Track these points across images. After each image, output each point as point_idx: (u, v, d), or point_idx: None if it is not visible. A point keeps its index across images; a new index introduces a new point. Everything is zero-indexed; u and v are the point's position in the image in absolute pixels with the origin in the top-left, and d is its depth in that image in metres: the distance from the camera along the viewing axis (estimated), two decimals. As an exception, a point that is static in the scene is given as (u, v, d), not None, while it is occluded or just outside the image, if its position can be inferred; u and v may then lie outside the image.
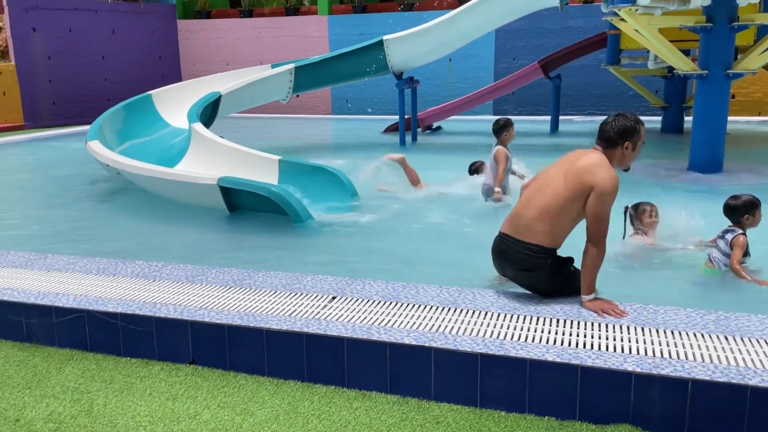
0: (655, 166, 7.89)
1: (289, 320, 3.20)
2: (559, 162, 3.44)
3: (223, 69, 15.87)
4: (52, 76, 14.82)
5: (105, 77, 15.66)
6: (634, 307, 3.24)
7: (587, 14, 13.49)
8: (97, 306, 3.45)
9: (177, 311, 3.35)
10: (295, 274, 3.90)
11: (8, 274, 4.04)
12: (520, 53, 14.20)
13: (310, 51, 15.23)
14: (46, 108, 14.80)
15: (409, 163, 7.04)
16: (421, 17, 13.24)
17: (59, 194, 7.42)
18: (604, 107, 13.82)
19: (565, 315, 3.18)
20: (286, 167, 6.58)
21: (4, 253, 4.51)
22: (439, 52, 10.38)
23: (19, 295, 3.65)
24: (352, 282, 3.73)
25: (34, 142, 12.26)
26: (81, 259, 4.33)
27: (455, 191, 6.59)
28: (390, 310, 3.30)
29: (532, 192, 3.43)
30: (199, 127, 7.62)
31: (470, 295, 3.48)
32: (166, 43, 16.62)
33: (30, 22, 14.35)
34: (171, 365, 3.26)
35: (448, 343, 2.90)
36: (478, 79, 14.39)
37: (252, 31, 16.12)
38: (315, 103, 15.92)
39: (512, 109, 14.38)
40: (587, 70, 13.58)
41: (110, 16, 15.57)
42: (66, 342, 3.49)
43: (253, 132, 12.85)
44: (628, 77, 11.27)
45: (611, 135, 3.29)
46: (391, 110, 14.14)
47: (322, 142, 12.20)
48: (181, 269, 4.06)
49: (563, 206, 3.25)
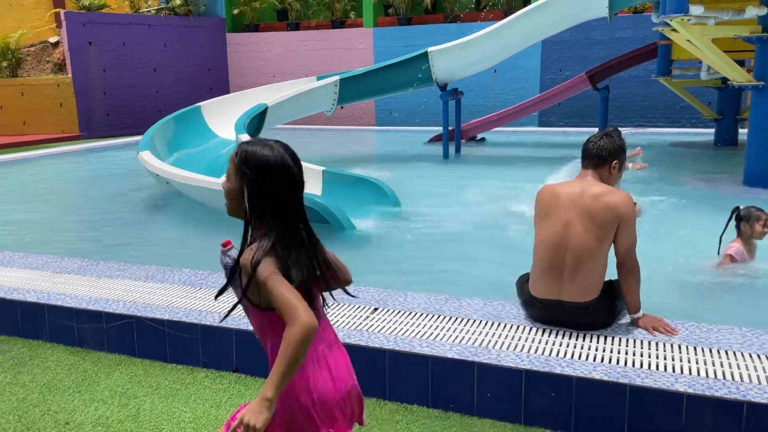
0: (709, 180, 7.64)
1: (332, 331, 3.20)
2: (555, 207, 3.12)
3: (269, 81, 16.15)
4: (106, 88, 15.33)
5: (156, 89, 16.11)
6: (685, 325, 3.14)
7: (637, 24, 13.23)
8: (145, 312, 3.53)
9: (222, 319, 3.39)
10: (337, 284, 3.90)
11: (62, 280, 4.17)
12: (566, 64, 14.02)
13: (355, 63, 15.37)
14: (100, 119, 15.31)
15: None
16: (467, 29, 13.22)
17: (111, 203, 7.64)
18: (654, 119, 13.51)
19: (613, 332, 3.10)
20: (329, 178, 6.64)
21: (59, 259, 4.66)
22: (483, 64, 10.33)
23: (71, 300, 3.76)
24: (394, 293, 3.72)
25: (89, 152, 12.69)
26: (131, 266, 4.44)
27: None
28: (432, 323, 3.27)
29: (551, 252, 3.10)
30: (246, 138, 7.75)
31: (514, 309, 3.42)
32: (215, 56, 17.02)
33: (86, 36, 14.89)
34: (215, 372, 3.30)
35: (492, 359, 2.85)
36: (523, 90, 14.26)
37: (298, 44, 16.36)
38: (359, 114, 16.03)
39: (558, 120, 14.19)
40: (636, 80, 13.31)
41: (162, 30, 16.04)
42: (115, 347, 3.57)
43: (298, 143, 12.92)
44: (680, 88, 10.99)
45: (602, 153, 3.14)
46: (435, 121, 14.12)
47: (365, 153, 12.27)
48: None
49: (599, 249, 3.04)
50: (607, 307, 3.14)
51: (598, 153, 3.18)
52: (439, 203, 6.85)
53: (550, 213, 3.16)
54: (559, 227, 3.10)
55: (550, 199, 3.19)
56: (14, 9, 17.07)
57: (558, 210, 3.13)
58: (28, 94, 15.00)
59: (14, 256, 4.77)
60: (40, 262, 4.59)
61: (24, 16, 17.12)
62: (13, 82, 15.10)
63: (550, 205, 3.18)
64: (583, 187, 3.13)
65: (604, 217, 3.02)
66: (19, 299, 3.81)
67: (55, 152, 12.36)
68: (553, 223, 3.13)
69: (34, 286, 4.03)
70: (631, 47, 12.41)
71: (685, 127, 13.09)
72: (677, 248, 5.03)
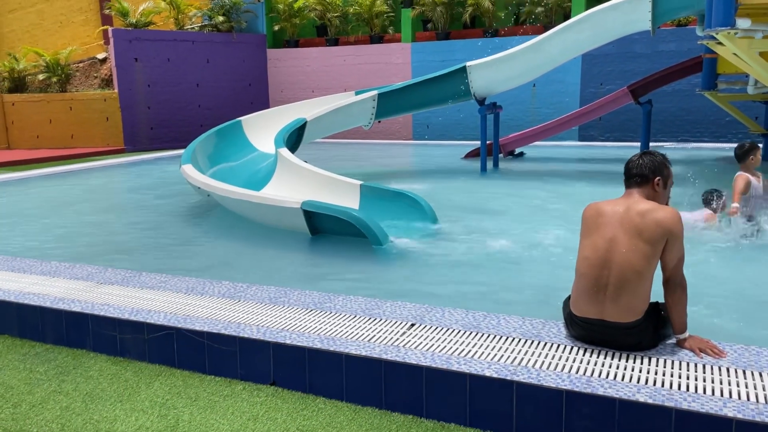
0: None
1: (368, 346, 3.19)
2: (599, 224, 3.07)
3: (308, 96, 16.38)
4: (151, 103, 15.75)
5: (199, 104, 16.48)
6: (734, 348, 3.03)
7: (680, 37, 13.00)
8: (185, 324, 3.58)
9: (260, 332, 3.42)
10: (374, 299, 3.91)
11: (106, 290, 4.26)
12: (607, 78, 13.84)
13: (393, 77, 15.46)
14: (144, 132, 15.73)
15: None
16: (506, 43, 13.18)
17: (154, 215, 7.81)
18: (698, 133, 13.21)
19: (658, 353, 3.01)
20: (367, 192, 6.66)
21: (103, 270, 4.78)
22: (522, 78, 10.26)
23: (114, 311, 3.84)
24: (432, 309, 3.69)
25: (133, 165, 13.02)
26: (172, 278, 4.52)
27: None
28: (470, 340, 3.23)
29: (594, 270, 3.02)
30: (285, 152, 7.85)
31: (555, 327, 3.36)
32: (255, 71, 17.34)
33: (133, 52, 15.35)
34: (253, 385, 3.32)
35: (532, 378, 2.80)
36: (563, 104, 14.11)
37: (337, 59, 16.54)
38: (396, 128, 16.09)
39: (599, 135, 13.99)
40: (680, 95, 13.05)
41: (206, 46, 16.43)
42: (156, 358, 3.63)
43: (336, 156, 13.12)
44: (726, 103, 10.73)
45: (644, 171, 3.10)
46: (473, 136, 14.08)
47: (403, 167, 12.29)
48: (264, 291, 4.15)
49: (645, 268, 2.95)
50: (651, 328, 3.05)
51: (639, 171, 3.13)
52: (477, 218, 6.80)
53: (594, 229, 3.11)
54: (603, 244, 3.04)
55: (594, 215, 3.14)
56: (64, 26, 17.72)
57: (603, 227, 3.07)
58: (76, 108, 15.50)
59: (60, 266, 4.90)
60: (85, 272, 4.71)
61: (74, 33, 17.77)
62: (63, 96, 15.63)
63: (594, 221, 3.12)
64: (629, 205, 3.07)
65: (652, 233, 2.95)
66: (64, 309, 3.91)
67: (101, 165, 12.73)
68: (597, 240, 3.06)
69: (79, 296, 4.13)
70: (675, 61, 12.19)
71: (732, 142, 12.73)
72: (724, 267, 4.89)
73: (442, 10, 15.34)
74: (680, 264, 3.01)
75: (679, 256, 3.00)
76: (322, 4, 16.59)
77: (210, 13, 16.78)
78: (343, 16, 16.83)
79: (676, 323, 3.05)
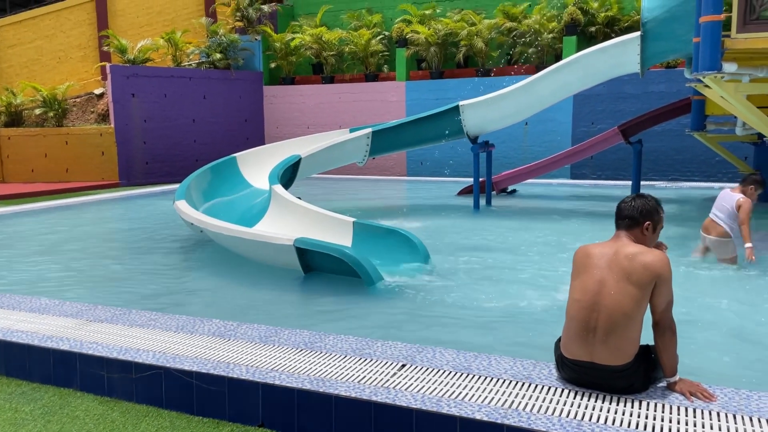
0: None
1: (359, 387, 3.17)
2: (589, 266, 3.10)
3: (304, 132, 16.51)
4: (147, 138, 15.84)
5: (194, 139, 16.58)
6: (724, 392, 3.03)
7: (669, 79, 13.25)
8: (174, 363, 3.55)
9: (249, 372, 3.39)
10: (365, 339, 3.89)
11: (95, 328, 4.23)
12: (599, 117, 14.04)
13: (387, 115, 15.64)
14: (139, 167, 15.78)
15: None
16: (498, 83, 13.40)
17: (146, 251, 7.79)
18: (689, 173, 13.35)
19: (648, 396, 3.00)
20: (360, 229, 6.68)
21: (93, 307, 4.75)
22: (514, 118, 10.41)
23: (102, 349, 3.80)
24: (423, 349, 3.68)
25: (127, 199, 13.03)
26: (162, 315, 4.49)
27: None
28: (461, 382, 3.21)
29: (584, 312, 3.03)
30: (279, 189, 7.89)
31: (546, 369, 3.35)
32: (251, 108, 17.51)
33: (130, 88, 15.51)
34: (241, 427, 3.28)
35: (522, 421, 2.78)
36: (555, 143, 14.28)
37: (333, 96, 16.75)
38: (390, 164, 16.21)
39: (591, 173, 14.12)
40: (670, 134, 13.23)
41: (203, 82, 16.61)
42: (143, 398, 3.58)
43: (330, 192, 13.18)
44: (715, 143, 10.88)
45: (635, 214, 3.14)
46: (466, 173, 14.20)
47: (396, 204, 12.34)
48: (255, 329, 4.13)
49: (635, 311, 2.96)
50: (642, 371, 3.04)
51: (630, 214, 3.17)
52: (469, 256, 6.82)
53: (583, 272, 3.13)
54: (592, 286, 3.06)
55: (584, 258, 3.17)
56: (63, 62, 17.90)
57: (592, 269, 3.10)
58: (72, 142, 15.57)
59: (50, 303, 4.87)
60: (74, 309, 4.67)
61: (72, 68, 17.94)
62: (59, 131, 15.71)
63: (584, 264, 3.15)
64: (618, 248, 3.10)
65: (641, 276, 2.97)
66: (52, 347, 3.87)
67: (95, 199, 12.72)
68: (587, 283, 3.08)
69: (67, 334, 4.10)
70: (664, 101, 12.39)
71: (722, 182, 12.90)
72: (715, 309, 4.90)
73: (436, 50, 15.62)
74: (669, 307, 3.03)
75: (668, 300, 3.01)
76: (319, 43, 16.87)
77: (207, 51, 17.02)
78: (339, 55, 17.09)
79: (666, 367, 3.05)
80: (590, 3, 14.46)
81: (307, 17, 18.26)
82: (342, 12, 17.89)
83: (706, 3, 6.22)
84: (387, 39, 16.85)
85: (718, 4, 6.19)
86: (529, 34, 14.69)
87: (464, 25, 15.40)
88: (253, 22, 17.51)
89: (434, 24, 15.71)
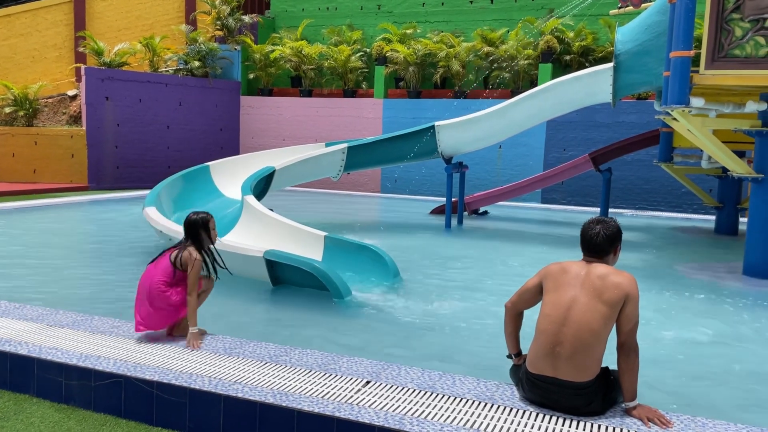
0: (706, 269, 7.64)
1: (322, 402, 3.16)
2: (562, 283, 3.18)
3: (279, 144, 16.48)
4: (118, 142, 15.63)
5: (168, 146, 16.41)
6: (681, 419, 3.09)
7: (640, 110, 13.57)
8: (135, 372, 3.49)
9: (211, 384, 3.36)
10: (330, 354, 3.88)
11: (55, 333, 4.14)
12: (570, 144, 14.29)
13: (363, 131, 15.70)
14: (110, 171, 15.54)
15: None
16: (474, 105, 13.57)
17: (112, 257, 7.67)
18: (655, 202, 13.64)
19: (607, 420, 3.05)
20: (331, 244, 6.68)
21: (54, 312, 4.65)
22: (488, 141, 10.56)
23: (62, 355, 3.73)
24: (388, 366, 3.69)
25: (96, 203, 12.81)
26: (125, 323, 4.42)
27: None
28: (424, 400, 3.22)
29: (553, 327, 3.10)
30: (251, 200, 7.85)
31: (509, 390, 3.38)
32: (227, 117, 17.42)
33: (104, 91, 15.31)
34: (200, 439, 3.23)
35: (482, 442, 2.80)
36: (527, 167, 14.48)
37: (310, 110, 16.76)
38: (364, 180, 16.24)
39: (561, 198, 14.34)
40: (639, 164, 13.52)
41: (179, 89, 16.49)
42: (102, 407, 3.51)
43: (303, 205, 13.13)
44: (681, 175, 11.16)
45: (605, 246, 3.22)
46: (439, 192, 14.30)
47: (369, 220, 12.35)
48: (219, 340, 4.09)
49: (602, 330, 3.05)
50: (602, 391, 3.11)
51: (602, 247, 3.24)
52: (438, 275, 6.86)
53: (558, 288, 3.20)
54: (564, 302, 3.14)
55: (558, 273, 3.24)
56: (37, 62, 17.62)
57: (565, 286, 3.18)
58: (42, 143, 15.29)
59: (10, 306, 4.75)
60: (35, 313, 4.57)
61: (46, 68, 17.66)
62: (28, 131, 15.41)
63: (557, 280, 3.22)
64: (589, 269, 3.20)
65: (611, 295, 3.06)
66: (9, 351, 3.78)
67: (62, 202, 12.49)
68: (559, 298, 3.16)
69: (26, 338, 4.01)
70: (634, 131, 12.67)
71: (687, 213, 13.21)
72: (676, 337, 5.00)
73: (415, 70, 15.77)
74: (635, 329, 3.10)
75: (634, 321, 3.09)
76: (298, 56, 16.90)
77: (186, 58, 16.92)
78: (318, 69, 17.14)
79: (627, 390, 3.11)
80: (566, 32, 14.78)
81: (288, 30, 18.31)
82: (323, 27, 17.97)
83: (676, 39, 6.42)
84: (366, 56, 16.97)
85: (688, 40, 6.39)
86: (506, 59, 14.93)
87: (443, 47, 15.59)
88: (233, 31, 17.48)
89: (414, 44, 15.88)
